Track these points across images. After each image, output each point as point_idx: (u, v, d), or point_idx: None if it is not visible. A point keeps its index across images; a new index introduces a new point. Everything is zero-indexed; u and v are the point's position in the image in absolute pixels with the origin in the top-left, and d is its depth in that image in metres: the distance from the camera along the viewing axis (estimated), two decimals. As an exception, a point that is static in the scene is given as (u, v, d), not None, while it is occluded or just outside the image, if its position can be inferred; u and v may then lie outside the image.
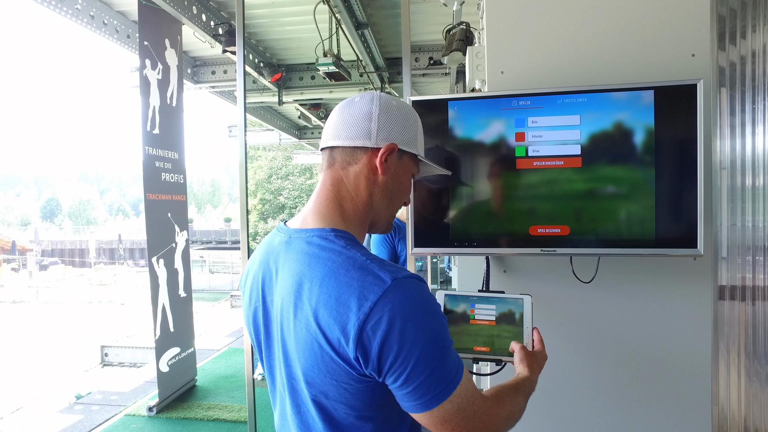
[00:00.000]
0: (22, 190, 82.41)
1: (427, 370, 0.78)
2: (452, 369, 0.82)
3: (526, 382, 1.01)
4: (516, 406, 0.94)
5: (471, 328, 1.21)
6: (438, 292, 1.26)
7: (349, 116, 0.91)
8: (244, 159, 2.75)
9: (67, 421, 4.05)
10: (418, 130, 0.97)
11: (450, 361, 0.82)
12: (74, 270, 27.13)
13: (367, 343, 0.77)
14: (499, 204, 1.43)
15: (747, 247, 1.90)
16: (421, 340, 0.78)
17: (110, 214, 73.43)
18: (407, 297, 0.78)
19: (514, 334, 1.18)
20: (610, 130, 1.34)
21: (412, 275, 0.82)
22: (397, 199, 0.96)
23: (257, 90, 6.04)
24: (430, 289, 3.36)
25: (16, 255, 28.91)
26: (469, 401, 0.83)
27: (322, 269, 0.82)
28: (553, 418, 1.57)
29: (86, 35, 8.71)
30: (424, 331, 0.78)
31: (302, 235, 0.89)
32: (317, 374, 0.83)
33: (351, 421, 0.86)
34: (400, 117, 0.92)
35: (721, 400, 1.92)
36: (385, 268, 0.80)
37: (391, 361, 0.77)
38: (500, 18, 1.55)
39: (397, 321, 0.76)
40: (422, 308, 0.79)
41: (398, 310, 0.77)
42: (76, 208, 70.77)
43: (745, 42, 1.87)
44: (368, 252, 0.86)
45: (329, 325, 0.79)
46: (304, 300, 0.83)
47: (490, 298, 1.23)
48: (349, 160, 0.91)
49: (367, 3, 4.18)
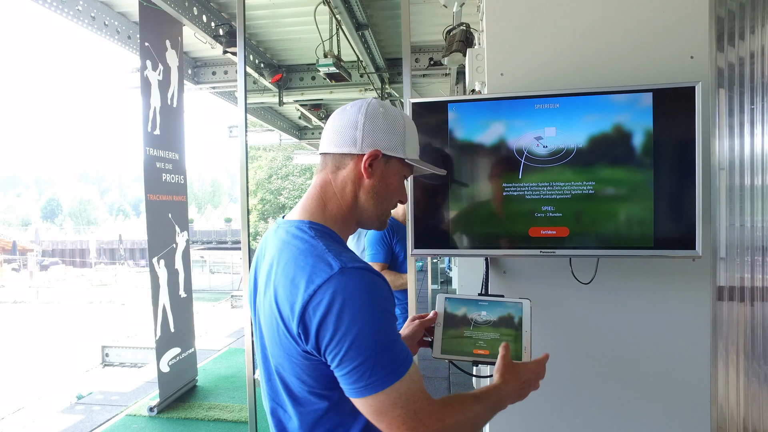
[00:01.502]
0: (23, 191, 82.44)
1: (362, 357, 0.84)
2: (392, 362, 0.86)
3: (492, 392, 1.00)
4: (470, 415, 0.93)
5: (471, 331, 1.22)
6: (438, 295, 1.28)
7: (338, 125, 1.01)
8: (245, 159, 2.76)
9: (68, 421, 4.05)
10: (406, 135, 1.02)
11: (390, 355, 0.86)
12: (75, 270, 27.15)
13: (308, 321, 0.86)
14: (499, 205, 1.43)
15: (746, 247, 1.91)
16: (357, 326, 0.84)
17: (111, 214, 73.46)
18: (351, 284, 0.86)
19: (514, 338, 1.19)
20: (610, 132, 1.35)
21: (365, 267, 0.88)
22: (386, 200, 1.03)
23: (258, 90, 6.05)
24: (430, 289, 3.38)
25: (17, 255, 28.93)
26: (410, 399, 0.86)
27: (288, 254, 0.93)
28: (553, 417, 1.57)
29: (87, 36, 8.70)
30: (361, 318, 0.84)
31: (285, 225, 1.00)
32: (275, 347, 0.94)
33: (305, 396, 0.95)
34: (385, 124, 0.99)
35: (720, 400, 1.93)
36: (339, 258, 0.88)
37: (327, 341, 0.85)
38: (500, 20, 1.56)
39: (335, 304, 0.84)
40: (364, 297, 0.85)
41: (339, 295, 0.84)
42: (76, 208, 70.79)
43: (743, 43, 1.88)
44: (333, 243, 0.94)
45: (283, 302, 0.90)
46: (271, 280, 0.94)
47: (489, 302, 1.25)
48: (338, 165, 1.01)
49: (368, 4, 4.18)
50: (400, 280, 2.81)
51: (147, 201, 3.98)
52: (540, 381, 1.07)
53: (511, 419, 1.59)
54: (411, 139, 1.03)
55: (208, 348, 6.15)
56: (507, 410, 1.58)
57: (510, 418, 1.59)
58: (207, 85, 5.81)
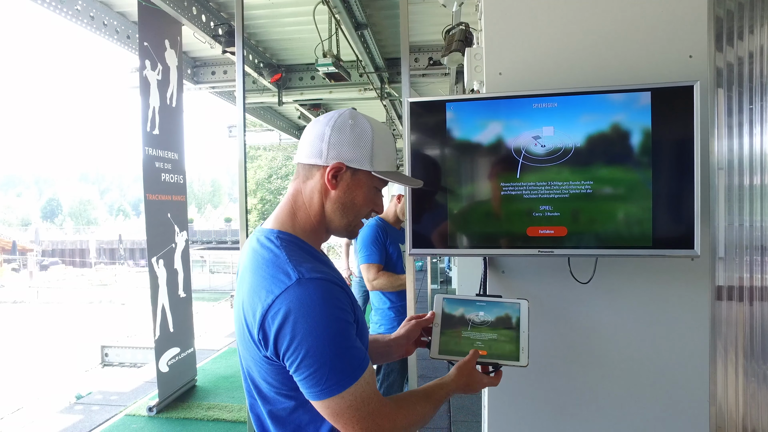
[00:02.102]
0: (23, 191, 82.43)
1: (317, 364, 0.89)
2: (347, 368, 0.91)
3: (441, 390, 1.06)
4: (420, 413, 1.00)
5: (469, 332, 1.23)
6: (436, 296, 1.28)
7: (309, 136, 1.04)
8: (244, 159, 2.75)
9: (67, 421, 4.05)
10: (374, 147, 1.03)
11: (346, 360, 0.91)
12: (75, 270, 27.15)
13: (267, 329, 0.91)
14: (497, 205, 1.43)
15: (744, 247, 1.91)
16: (312, 335, 0.88)
17: (111, 214, 73.47)
18: (306, 295, 0.90)
19: (511, 338, 1.20)
20: (608, 131, 1.35)
21: (322, 277, 0.93)
22: (352, 211, 1.05)
23: (257, 90, 6.05)
24: (430, 289, 3.37)
25: (17, 255, 28.92)
26: (365, 402, 0.91)
27: (254, 263, 0.99)
28: (551, 416, 1.57)
29: (86, 36, 8.73)
30: (317, 328, 0.89)
31: (258, 233, 1.06)
32: (244, 350, 1.01)
33: (273, 396, 1.00)
34: (352, 136, 1.01)
35: (719, 399, 1.93)
36: (299, 268, 0.93)
37: (285, 349, 0.90)
38: (498, 19, 1.56)
39: (291, 314, 0.89)
40: (318, 307, 0.90)
41: (294, 305, 0.89)
42: (76, 208, 70.79)
43: (742, 43, 1.88)
44: (297, 253, 0.98)
45: (247, 310, 0.96)
46: (242, 287, 1.00)
47: (487, 303, 1.25)
48: (308, 174, 1.05)
49: (367, 3, 4.18)
50: (398, 282, 2.77)
51: (146, 201, 3.97)
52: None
53: (509, 418, 1.59)
54: (381, 152, 1.03)
55: (207, 348, 6.14)
56: (505, 408, 1.58)
57: (509, 416, 1.59)
58: (206, 84, 5.81)
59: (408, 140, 1.46)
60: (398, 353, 1.28)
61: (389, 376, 2.82)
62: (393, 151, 1.08)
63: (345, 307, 0.94)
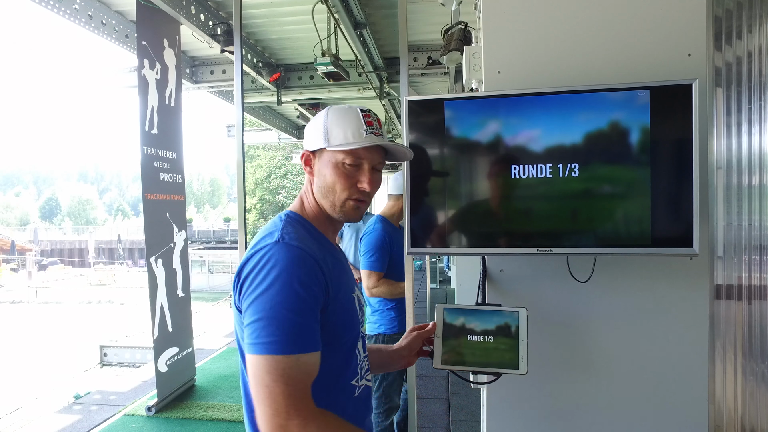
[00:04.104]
0: (22, 190, 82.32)
1: (258, 315, 0.92)
2: (281, 335, 0.90)
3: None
4: None
5: (469, 341, 1.26)
6: (437, 306, 1.31)
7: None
8: (242, 159, 2.75)
9: (65, 420, 4.04)
10: (327, 125, 1.08)
11: (283, 328, 0.91)
12: (73, 270, 27.12)
13: (241, 274, 0.98)
14: (495, 203, 1.43)
15: (743, 246, 1.91)
16: (267, 286, 0.93)
17: (109, 213, 73.40)
18: (280, 254, 0.96)
19: (511, 347, 1.23)
20: (606, 129, 1.35)
21: (300, 246, 0.98)
22: (329, 189, 1.08)
23: (256, 90, 6.04)
24: (429, 288, 3.37)
25: (16, 255, 28.88)
26: (286, 381, 0.88)
27: (260, 233, 1.07)
28: (550, 415, 1.57)
29: (84, 35, 8.71)
30: (274, 283, 0.93)
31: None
32: (235, 310, 1.04)
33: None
34: (312, 125, 1.11)
35: (718, 398, 1.93)
36: (283, 233, 1.00)
37: (245, 291, 0.96)
38: (496, 18, 1.55)
39: (261, 264, 0.95)
40: (285, 268, 0.94)
41: (267, 258, 0.95)
42: (75, 207, 70.72)
43: (741, 42, 1.88)
44: (295, 227, 1.05)
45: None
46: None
47: (487, 312, 1.28)
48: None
49: (366, 3, 4.17)
50: (398, 290, 2.76)
51: (144, 200, 3.97)
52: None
53: (508, 417, 1.59)
54: (335, 128, 1.07)
55: (206, 347, 6.13)
56: (504, 407, 1.58)
57: (507, 416, 1.59)
58: (205, 84, 5.79)
59: (407, 139, 1.46)
60: (400, 364, 1.33)
61: (388, 374, 2.82)
62: (352, 124, 1.06)
63: (311, 283, 0.95)
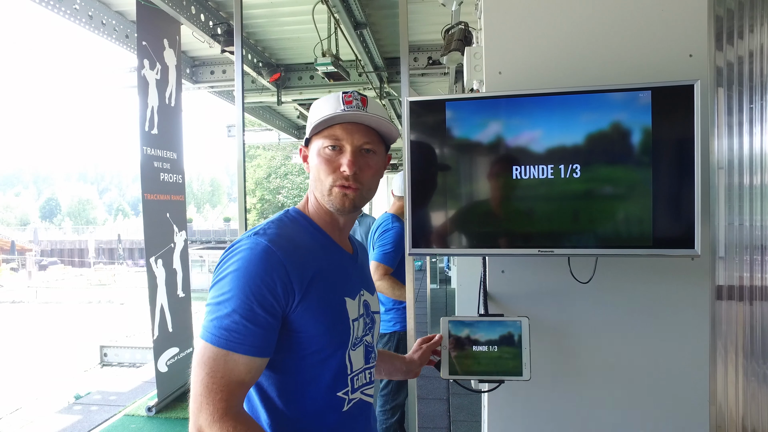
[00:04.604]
0: (22, 190, 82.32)
1: (207, 301, 0.93)
2: (214, 324, 0.89)
3: None
4: None
5: (474, 351, 1.33)
6: (442, 318, 1.36)
7: None
8: (243, 159, 2.75)
9: (66, 421, 4.04)
10: (310, 118, 1.07)
11: (219, 320, 0.89)
12: (73, 270, 27.12)
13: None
14: (497, 204, 1.43)
15: (745, 246, 1.90)
16: (219, 276, 0.93)
17: (110, 213, 73.40)
18: (245, 248, 0.94)
19: (514, 355, 1.30)
20: (608, 130, 1.34)
21: (269, 244, 0.94)
22: (315, 179, 1.06)
23: (256, 90, 6.03)
24: (429, 288, 3.38)
25: (16, 255, 28.89)
26: (215, 374, 0.87)
27: None
28: (551, 415, 1.57)
29: (85, 35, 8.69)
30: (225, 277, 0.92)
31: None
32: None
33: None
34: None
35: (719, 399, 1.93)
36: (265, 228, 0.99)
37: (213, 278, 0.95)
38: (498, 18, 1.55)
39: (227, 254, 0.96)
40: (243, 263, 0.92)
41: (233, 249, 0.95)
42: (75, 207, 70.73)
43: (742, 42, 1.87)
44: (281, 221, 1.04)
45: None
46: None
47: (490, 323, 1.34)
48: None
49: (366, 3, 4.17)
50: (398, 291, 2.81)
51: (144, 200, 3.96)
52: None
53: (509, 417, 1.58)
54: (315, 114, 1.06)
55: (206, 348, 6.12)
56: (505, 410, 1.58)
57: (508, 416, 1.58)
58: (205, 84, 5.79)
59: (407, 139, 1.46)
60: (408, 375, 1.39)
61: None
62: (330, 106, 1.05)
63: (267, 283, 0.91)
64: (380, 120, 1.05)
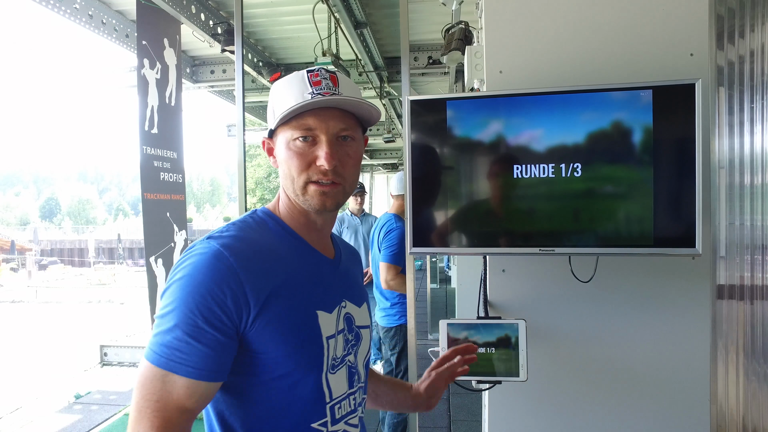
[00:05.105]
0: (21, 190, 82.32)
1: (156, 311, 0.81)
2: (157, 338, 0.79)
3: None
4: None
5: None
6: (441, 321, 1.38)
7: None
8: (243, 158, 2.74)
9: (66, 420, 4.04)
10: (273, 108, 0.93)
11: (161, 331, 0.79)
12: (73, 269, 27.11)
13: None
14: (497, 203, 1.43)
15: (746, 246, 1.90)
16: (167, 286, 0.82)
17: (109, 213, 73.40)
18: (195, 251, 0.83)
19: (512, 356, 1.34)
20: (609, 129, 1.34)
21: (221, 249, 0.82)
22: (286, 173, 0.92)
23: (256, 89, 6.03)
24: (429, 288, 3.39)
25: (15, 255, 28.89)
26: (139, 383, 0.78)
27: None
28: (552, 414, 1.57)
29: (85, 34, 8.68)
30: (170, 287, 0.82)
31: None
32: None
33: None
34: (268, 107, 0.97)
35: (720, 399, 1.93)
36: (221, 231, 0.87)
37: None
38: (498, 17, 1.55)
39: (179, 260, 0.84)
40: (189, 272, 0.81)
41: (184, 256, 0.84)
42: (75, 207, 70.75)
43: (743, 41, 1.87)
44: (244, 223, 0.92)
45: None
46: None
47: (488, 325, 1.37)
48: None
49: (366, 2, 4.17)
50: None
51: (144, 200, 3.96)
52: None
53: (509, 417, 1.58)
54: (277, 101, 0.91)
55: (207, 347, 6.13)
56: (505, 410, 1.58)
57: (509, 415, 1.58)
58: (205, 83, 5.78)
59: (408, 139, 1.46)
60: (421, 407, 1.20)
61: (403, 366, 3.04)
62: (294, 90, 0.89)
63: (215, 296, 0.78)
64: (359, 103, 0.89)
